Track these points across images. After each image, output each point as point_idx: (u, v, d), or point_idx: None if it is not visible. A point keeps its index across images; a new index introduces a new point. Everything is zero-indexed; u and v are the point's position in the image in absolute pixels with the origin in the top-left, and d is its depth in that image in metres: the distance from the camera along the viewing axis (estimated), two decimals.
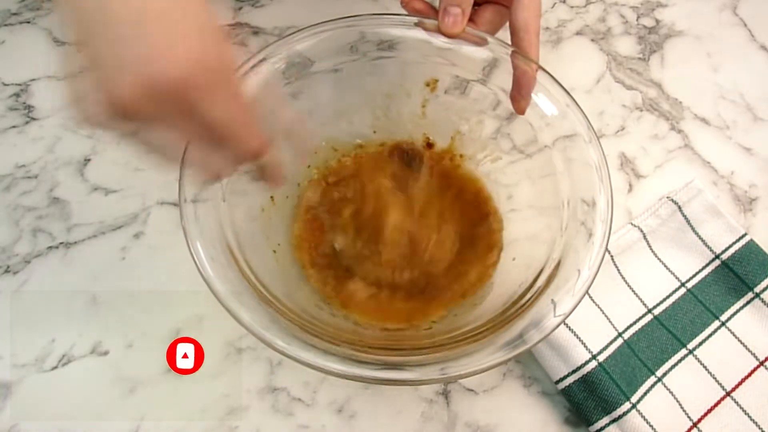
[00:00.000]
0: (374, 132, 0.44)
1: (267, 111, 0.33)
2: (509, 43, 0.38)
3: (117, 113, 0.25)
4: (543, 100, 0.38)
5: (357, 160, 0.44)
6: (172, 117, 0.25)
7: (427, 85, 0.42)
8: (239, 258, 0.34)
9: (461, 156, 0.44)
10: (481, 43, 0.38)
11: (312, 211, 0.43)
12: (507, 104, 0.39)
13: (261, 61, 0.37)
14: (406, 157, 0.44)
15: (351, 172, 0.44)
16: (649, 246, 0.44)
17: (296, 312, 0.33)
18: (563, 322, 0.32)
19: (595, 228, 0.34)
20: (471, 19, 0.38)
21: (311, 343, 0.31)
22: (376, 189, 0.43)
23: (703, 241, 0.43)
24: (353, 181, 0.43)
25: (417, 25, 0.38)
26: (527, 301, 0.34)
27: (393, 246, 0.41)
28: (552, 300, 0.33)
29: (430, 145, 0.45)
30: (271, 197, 0.41)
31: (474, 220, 0.42)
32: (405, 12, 0.40)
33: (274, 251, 0.39)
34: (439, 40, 0.38)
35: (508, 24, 0.39)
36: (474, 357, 0.31)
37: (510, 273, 0.39)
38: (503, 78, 0.39)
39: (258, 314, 0.31)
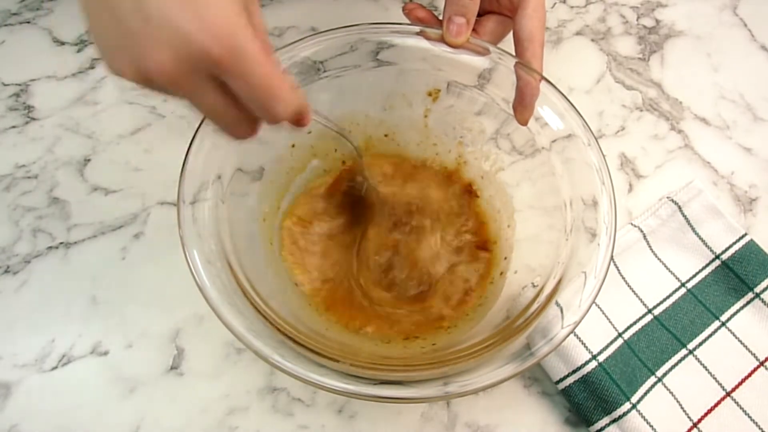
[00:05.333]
0: (381, 140, 0.44)
1: None
2: (507, 51, 0.38)
3: (145, 83, 0.24)
4: (545, 110, 0.38)
5: (359, 173, 0.44)
6: (202, 87, 0.25)
7: (429, 94, 0.42)
8: (236, 269, 0.33)
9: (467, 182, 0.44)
10: (483, 52, 0.38)
11: (312, 224, 0.43)
12: (505, 108, 0.39)
13: None
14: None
15: (354, 186, 0.44)
16: (649, 246, 0.44)
17: (294, 325, 0.33)
18: (572, 332, 0.32)
19: (599, 233, 0.34)
20: (474, 29, 0.38)
21: (308, 358, 0.31)
22: (377, 204, 0.42)
23: (703, 241, 0.43)
24: (356, 195, 0.43)
25: (419, 34, 0.38)
26: (534, 311, 0.33)
27: (392, 263, 0.41)
28: (560, 309, 0.32)
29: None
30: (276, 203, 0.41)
31: (473, 242, 0.42)
32: (407, 21, 0.40)
33: (273, 263, 0.39)
34: (441, 49, 0.38)
35: (511, 34, 0.39)
36: (479, 372, 0.31)
37: (512, 285, 0.39)
38: (503, 84, 0.39)
39: (254, 327, 0.31)
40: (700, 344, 0.41)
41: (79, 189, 0.45)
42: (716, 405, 0.39)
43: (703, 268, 0.43)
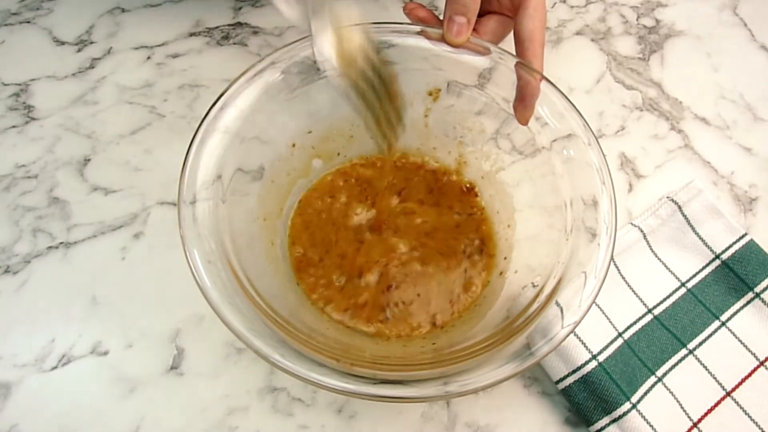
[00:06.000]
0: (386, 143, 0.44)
1: None
2: (507, 51, 0.38)
3: None
4: (545, 110, 0.38)
5: (359, 172, 0.44)
6: None
7: (430, 94, 0.42)
8: (237, 268, 0.33)
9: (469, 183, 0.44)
10: (484, 52, 0.38)
11: (311, 223, 0.43)
12: (505, 108, 0.39)
13: (267, 66, 0.37)
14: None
15: (353, 186, 0.44)
16: (650, 246, 0.44)
17: (294, 325, 0.33)
18: (572, 332, 0.32)
19: (599, 233, 0.34)
20: (474, 29, 0.38)
21: (308, 357, 0.30)
22: (378, 205, 0.43)
23: (703, 241, 0.43)
24: (357, 194, 0.43)
25: (420, 33, 0.38)
26: (534, 311, 0.33)
27: (391, 263, 0.41)
28: (560, 309, 0.32)
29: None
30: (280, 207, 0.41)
31: (470, 239, 0.42)
32: (408, 20, 0.40)
33: (273, 262, 0.39)
34: (441, 49, 0.38)
35: (512, 33, 0.39)
36: (478, 372, 0.30)
37: (512, 285, 0.38)
38: (503, 84, 0.39)
39: (254, 326, 0.31)
40: (700, 344, 0.41)
41: (79, 189, 0.45)
42: (716, 405, 0.39)
43: (703, 267, 0.43)
